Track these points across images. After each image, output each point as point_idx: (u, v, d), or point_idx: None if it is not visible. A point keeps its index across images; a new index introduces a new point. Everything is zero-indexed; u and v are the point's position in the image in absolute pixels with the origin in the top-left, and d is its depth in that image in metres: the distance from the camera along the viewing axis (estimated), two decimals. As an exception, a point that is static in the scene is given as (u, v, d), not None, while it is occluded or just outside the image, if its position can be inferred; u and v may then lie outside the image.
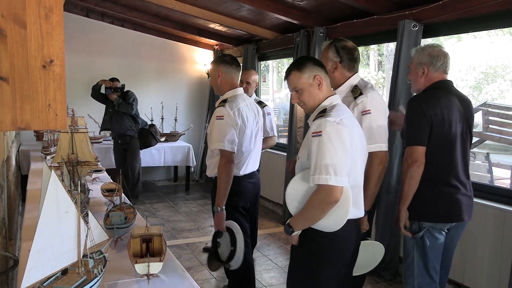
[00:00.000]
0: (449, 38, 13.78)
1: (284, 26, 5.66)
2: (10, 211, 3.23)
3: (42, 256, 1.46)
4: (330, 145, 1.84)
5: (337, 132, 1.87)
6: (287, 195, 2.02)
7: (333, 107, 2.00)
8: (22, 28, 1.17)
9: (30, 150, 5.48)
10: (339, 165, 1.83)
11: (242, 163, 2.96)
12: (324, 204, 1.86)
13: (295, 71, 2.06)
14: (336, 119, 1.89)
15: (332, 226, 1.93)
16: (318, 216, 1.90)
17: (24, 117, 1.19)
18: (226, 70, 2.95)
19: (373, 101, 2.45)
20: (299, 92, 2.07)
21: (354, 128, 1.98)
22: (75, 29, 6.90)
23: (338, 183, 1.82)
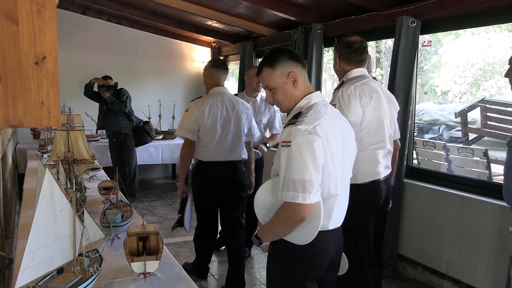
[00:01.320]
0: (447, 35, 13.77)
1: (281, 23, 5.63)
2: (6, 209, 3.21)
3: (36, 255, 1.44)
4: (299, 159, 1.68)
5: (308, 143, 1.68)
6: (255, 201, 1.92)
7: (310, 108, 1.81)
8: (14, 24, 1.15)
9: (27, 149, 5.46)
10: (308, 181, 1.67)
11: (207, 151, 3.35)
12: (289, 222, 1.73)
13: (267, 68, 1.87)
14: (308, 127, 1.71)
15: (301, 240, 1.80)
16: (284, 232, 1.79)
17: (16, 115, 1.17)
18: (215, 72, 3.40)
19: (343, 96, 2.48)
20: (273, 91, 1.89)
21: (334, 134, 1.79)
22: (72, 26, 6.86)
23: (306, 201, 1.67)
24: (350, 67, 2.61)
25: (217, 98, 3.35)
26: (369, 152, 2.55)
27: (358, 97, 2.47)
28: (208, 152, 3.34)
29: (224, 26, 6.60)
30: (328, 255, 1.88)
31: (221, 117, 3.33)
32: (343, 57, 2.61)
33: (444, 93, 16.62)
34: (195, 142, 3.33)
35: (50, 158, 2.88)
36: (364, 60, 2.63)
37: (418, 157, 5.87)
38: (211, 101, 3.32)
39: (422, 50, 15.52)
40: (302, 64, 1.89)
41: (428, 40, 4.14)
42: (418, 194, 3.83)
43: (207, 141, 3.32)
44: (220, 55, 7.77)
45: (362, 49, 2.60)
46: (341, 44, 2.63)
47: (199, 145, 3.35)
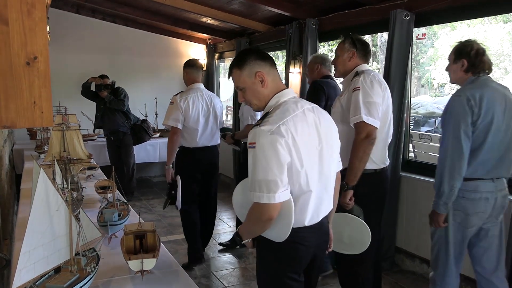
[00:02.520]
0: (443, 27, 13.77)
1: (276, 19, 5.63)
2: (4, 210, 3.21)
3: (33, 256, 1.45)
4: (263, 159, 1.69)
5: (271, 144, 1.69)
6: (233, 201, 2.01)
7: (278, 107, 1.83)
8: (4, 25, 1.14)
9: (23, 149, 5.45)
10: (273, 181, 1.68)
11: (193, 138, 3.90)
12: (259, 221, 1.76)
13: (236, 69, 1.89)
14: (272, 127, 1.71)
15: (277, 237, 1.83)
16: (258, 231, 1.84)
17: (9, 116, 1.17)
18: (190, 71, 3.99)
19: (365, 80, 2.61)
20: (243, 91, 1.91)
21: (300, 131, 1.76)
22: (66, 26, 6.84)
23: (271, 201, 1.68)
24: (361, 62, 2.79)
25: (197, 93, 3.93)
26: (383, 139, 2.71)
27: (378, 82, 2.63)
28: (193, 139, 3.90)
29: (218, 23, 6.59)
30: (308, 251, 1.90)
31: (202, 109, 3.91)
32: (361, 54, 2.78)
33: (441, 85, 16.64)
34: (181, 131, 3.85)
35: (46, 158, 2.88)
36: None
37: (414, 150, 5.87)
38: (193, 95, 3.88)
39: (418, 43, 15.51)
40: (270, 63, 1.90)
41: (422, 33, 4.14)
42: (415, 187, 3.84)
43: (192, 130, 3.87)
44: (216, 52, 7.76)
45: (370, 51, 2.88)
46: (360, 42, 2.79)
47: (184, 133, 3.88)
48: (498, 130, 2.44)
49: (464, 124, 2.39)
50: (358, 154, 2.56)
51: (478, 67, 2.50)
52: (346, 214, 2.60)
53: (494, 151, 2.46)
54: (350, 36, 2.81)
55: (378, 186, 2.78)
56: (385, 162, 2.78)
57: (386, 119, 2.69)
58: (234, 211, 2.03)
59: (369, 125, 2.52)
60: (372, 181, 2.71)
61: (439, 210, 2.51)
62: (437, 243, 2.65)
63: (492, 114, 2.41)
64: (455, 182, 2.43)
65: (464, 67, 2.52)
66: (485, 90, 2.44)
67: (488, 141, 2.43)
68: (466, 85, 2.51)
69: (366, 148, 2.55)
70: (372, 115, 2.52)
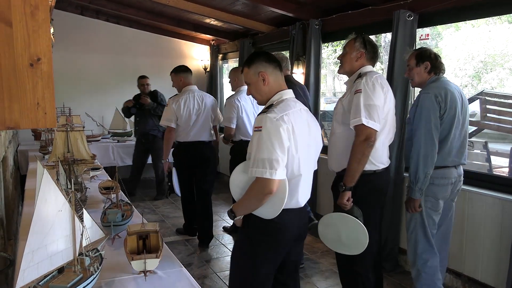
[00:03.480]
0: (447, 28, 13.72)
1: (279, 19, 5.63)
2: (8, 211, 3.22)
3: (36, 256, 1.46)
4: (268, 141, 1.96)
5: (276, 128, 1.97)
6: (231, 181, 2.18)
7: (281, 101, 2.11)
8: (7, 26, 1.15)
9: (28, 150, 5.48)
10: (275, 159, 1.95)
11: (186, 133, 4.37)
12: (260, 195, 1.99)
13: (246, 67, 2.22)
14: (276, 115, 2.00)
15: (268, 214, 2.07)
16: (256, 205, 2.05)
17: (13, 117, 1.18)
18: (185, 75, 4.51)
19: (367, 82, 2.60)
20: (249, 86, 2.23)
21: (300, 124, 2.07)
22: (71, 27, 6.87)
23: (273, 177, 1.94)
24: (368, 64, 2.77)
25: (189, 94, 4.40)
26: (383, 140, 2.70)
27: (381, 85, 2.62)
28: (185, 134, 4.37)
29: (222, 24, 6.60)
30: (291, 232, 2.15)
31: (194, 108, 4.36)
32: (369, 55, 2.76)
33: (445, 86, 16.57)
34: (175, 129, 4.36)
35: (50, 159, 2.89)
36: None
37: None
38: (185, 97, 4.37)
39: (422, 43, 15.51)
40: (274, 66, 2.19)
41: (426, 34, 4.13)
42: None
43: (184, 126, 4.34)
44: (219, 52, 7.77)
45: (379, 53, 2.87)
46: (370, 44, 2.78)
47: (178, 130, 4.38)
48: (458, 123, 2.85)
49: (434, 117, 2.75)
50: (357, 156, 2.56)
51: (438, 68, 2.92)
52: (344, 214, 2.62)
53: (456, 141, 2.87)
54: (362, 36, 2.80)
55: (377, 187, 2.78)
56: (385, 163, 2.78)
57: (387, 121, 2.69)
58: (230, 190, 2.20)
59: (369, 128, 2.53)
60: (371, 181, 2.72)
61: (415, 196, 2.84)
62: (414, 230, 2.95)
63: (454, 109, 2.82)
64: (429, 169, 2.78)
65: (428, 69, 2.92)
66: (447, 88, 2.83)
67: (452, 132, 2.83)
68: (429, 84, 2.87)
69: (365, 150, 2.55)
70: (372, 118, 2.53)
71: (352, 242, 2.61)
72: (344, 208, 2.64)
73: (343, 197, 2.63)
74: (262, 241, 2.14)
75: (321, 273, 3.92)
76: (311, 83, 5.03)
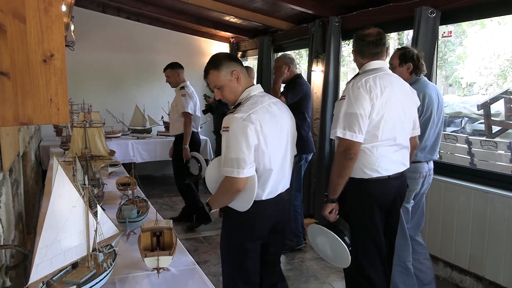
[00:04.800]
0: (472, 25, 13.44)
1: (299, 17, 5.59)
2: (28, 205, 3.28)
3: (50, 251, 1.47)
4: (235, 141, 2.04)
5: (242, 128, 2.03)
6: (206, 175, 2.30)
7: (248, 99, 2.17)
8: (21, 23, 1.15)
9: (50, 146, 5.57)
10: (242, 159, 2.03)
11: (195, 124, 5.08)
12: (229, 192, 2.11)
13: (213, 70, 2.20)
14: (243, 115, 2.05)
15: (241, 207, 2.17)
16: (227, 200, 2.18)
17: (26, 112, 1.18)
18: (182, 71, 5.11)
19: (353, 86, 2.40)
20: (221, 89, 2.21)
21: (268, 120, 2.12)
22: (92, 25, 6.96)
23: (240, 175, 2.04)
24: (364, 60, 2.54)
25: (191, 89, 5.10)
26: (378, 147, 2.44)
27: (368, 89, 2.37)
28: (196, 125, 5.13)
29: (241, 21, 6.59)
30: (267, 221, 2.25)
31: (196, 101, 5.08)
32: (357, 50, 2.57)
33: (470, 85, 16.25)
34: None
35: (67, 155, 2.93)
36: (379, 53, 2.53)
37: (439, 150, 5.73)
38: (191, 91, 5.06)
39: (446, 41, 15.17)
40: (241, 63, 2.26)
41: (448, 31, 4.03)
42: (439, 189, 3.75)
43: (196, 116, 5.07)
44: (239, 50, 7.76)
45: (376, 42, 2.50)
46: (355, 38, 2.58)
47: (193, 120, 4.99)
48: (433, 124, 3.06)
49: None
50: (336, 168, 2.44)
51: (419, 69, 3.04)
52: (323, 228, 2.51)
53: (429, 140, 3.07)
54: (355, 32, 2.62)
55: (371, 195, 2.49)
56: (381, 172, 2.46)
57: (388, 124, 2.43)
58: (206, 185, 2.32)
59: (346, 139, 2.36)
60: (362, 189, 2.48)
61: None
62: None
63: (431, 111, 3.01)
64: None
65: (410, 70, 3.03)
66: (426, 89, 2.98)
67: (426, 133, 3.01)
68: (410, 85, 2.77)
69: (344, 163, 2.38)
70: (351, 128, 2.34)
71: (336, 255, 2.51)
72: (329, 220, 2.54)
73: (325, 209, 2.51)
74: (239, 231, 2.25)
75: (338, 273, 3.88)
76: (330, 81, 4.97)
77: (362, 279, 2.58)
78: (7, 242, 1.89)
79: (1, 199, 1.85)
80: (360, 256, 2.50)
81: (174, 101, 5.10)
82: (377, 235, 2.54)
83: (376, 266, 2.55)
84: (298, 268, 4.04)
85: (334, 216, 2.52)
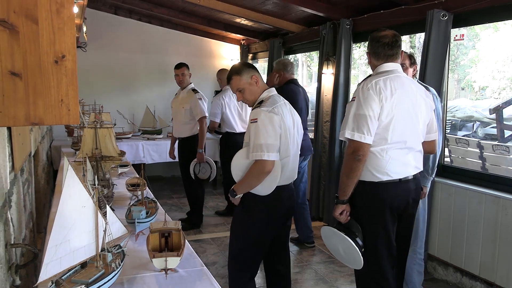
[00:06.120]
0: (485, 29, 13.31)
1: (310, 19, 5.58)
2: (39, 205, 3.31)
3: (59, 250, 1.48)
4: (263, 129, 2.36)
5: (269, 118, 2.38)
6: (233, 166, 2.52)
7: (269, 98, 2.52)
8: (34, 24, 1.17)
9: (61, 146, 5.62)
10: (270, 144, 2.36)
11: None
12: (260, 174, 2.39)
13: (235, 75, 2.56)
14: (268, 108, 2.41)
15: (265, 191, 2.46)
16: (255, 183, 2.44)
17: (37, 113, 1.19)
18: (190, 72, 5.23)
19: (363, 88, 2.40)
20: (242, 92, 2.57)
21: (286, 114, 2.48)
22: (104, 26, 7.01)
23: (270, 158, 2.35)
24: (379, 62, 2.52)
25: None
26: (388, 150, 2.42)
27: (378, 91, 2.36)
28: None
29: (252, 24, 6.60)
30: (281, 206, 2.58)
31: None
32: (371, 52, 2.55)
33: (482, 88, 16.10)
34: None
35: (78, 155, 2.95)
36: (394, 55, 2.52)
37: (450, 155, 5.68)
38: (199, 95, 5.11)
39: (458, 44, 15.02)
40: (256, 70, 2.62)
41: (460, 34, 4.00)
42: (449, 193, 3.72)
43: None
44: (249, 52, 7.78)
45: (392, 44, 2.49)
46: (370, 39, 2.57)
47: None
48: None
49: None
50: (345, 169, 2.43)
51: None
52: (334, 229, 2.50)
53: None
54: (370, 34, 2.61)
55: (381, 198, 2.47)
56: (391, 175, 2.45)
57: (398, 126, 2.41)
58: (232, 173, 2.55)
59: (355, 141, 2.36)
60: (371, 192, 2.48)
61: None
62: None
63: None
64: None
65: (415, 72, 3.20)
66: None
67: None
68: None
69: (353, 164, 2.38)
70: (360, 130, 2.35)
71: (349, 257, 2.50)
72: (340, 221, 2.53)
73: (336, 210, 2.51)
74: (260, 213, 2.54)
75: (346, 277, 3.86)
76: (340, 83, 4.96)
77: (372, 282, 2.57)
78: (18, 241, 1.90)
79: (13, 198, 1.87)
80: (371, 259, 2.48)
81: (183, 104, 5.01)
82: (388, 239, 2.51)
83: (387, 270, 2.53)
84: (307, 271, 4.02)
85: (345, 218, 2.52)
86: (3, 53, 1.13)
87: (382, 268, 2.52)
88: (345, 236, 2.45)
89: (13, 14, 1.14)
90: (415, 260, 3.27)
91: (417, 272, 3.30)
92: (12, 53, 1.14)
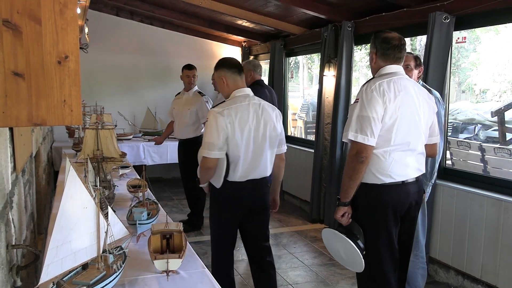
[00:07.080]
0: (486, 32, 13.29)
1: (311, 21, 5.58)
2: (40, 206, 3.30)
3: (60, 251, 1.47)
4: (208, 128, 2.61)
5: (215, 119, 2.60)
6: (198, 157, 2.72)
7: (231, 98, 2.72)
8: (37, 24, 1.16)
9: (62, 147, 5.62)
10: (211, 142, 2.58)
11: None
12: (203, 169, 2.68)
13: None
14: (220, 110, 2.63)
15: (216, 184, 2.74)
16: (204, 176, 2.73)
17: (40, 113, 1.19)
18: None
19: (367, 90, 2.38)
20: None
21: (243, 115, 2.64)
22: (106, 28, 7.02)
23: (210, 156, 2.59)
24: (386, 64, 2.49)
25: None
26: (391, 152, 2.41)
27: (381, 93, 2.35)
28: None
29: (254, 25, 6.60)
30: (243, 199, 2.78)
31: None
32: (380, 53, 2.51)
33: (483, 91, 16.07)
34: None
35: (79, 156, 2.95)
36: (401, 57, 2.52)
37: (452, 157, 5.68)
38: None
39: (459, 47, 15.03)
40: (233, 71, 2.76)
41: (462, 37, 3.99)
42: (451, 196, 3.71)
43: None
44: (250, 54, 7.78)
45: (401, 46, 2.49)
46: (379, 40, 2.52)
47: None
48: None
49: None
50: (348, 171, 2.42)
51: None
52: (334, 231, 2.50)
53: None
54: (375, 34, 2.58)
55: (384, 201, 2.47)
56: (394, 177, 2.44)
57: (402, 129, 2.40)
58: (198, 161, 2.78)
59: (358, 142, 2.35)
60: (373, 194, 2.47)
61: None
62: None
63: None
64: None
65: (420, 73, 3.20)
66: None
67: None
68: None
69: (355, 166, 2.37)
70: (363, 131, 2.34)
71: (350, 260, 2.49)
72: (341, 223, 2.53)
73: (337, 212, 2.50)
74: (221, 205, 2.81)
75: (347, 279, 3.85)
76: (342, 86, 4.95)
77: (374, 285, 2.56)
78: (18, 242, 1.90)
79: (14, 199, 1.86)
80: (372, 262, 2.47)
81: (188, 105, 5.03)
82: (390, 241, 2.50)
83: (388, 273, 2.52)
84: (308, 273, 4.01)
85: (346, 220, 2.50)
86: (6, 53, 1.12)
87: (383, 271, 2.51)
88: (347, 238, 2.43)
89: (16, 14, 1.14)
90: (418, 265, 3.26)
91: (421, 276, 3.30)
92: (15, 53, 1.14)
